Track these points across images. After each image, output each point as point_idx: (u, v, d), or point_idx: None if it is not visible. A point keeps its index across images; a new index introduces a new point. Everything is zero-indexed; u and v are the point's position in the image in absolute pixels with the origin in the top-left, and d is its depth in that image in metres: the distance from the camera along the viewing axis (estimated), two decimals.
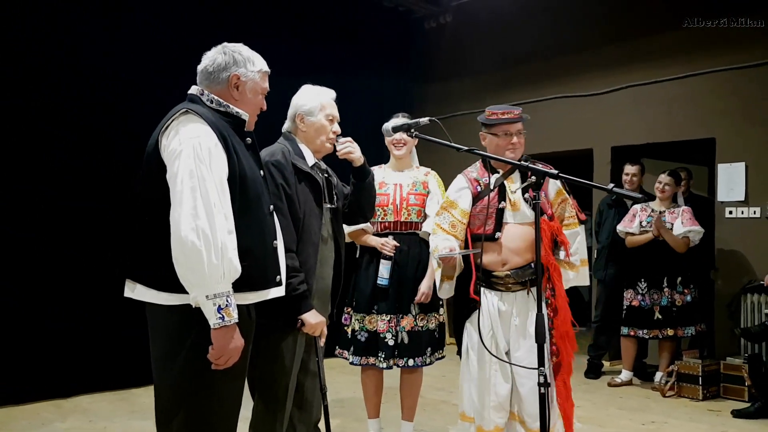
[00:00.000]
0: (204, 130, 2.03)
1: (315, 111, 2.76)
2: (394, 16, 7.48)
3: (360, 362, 3.60)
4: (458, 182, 3.21)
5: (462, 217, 3.11)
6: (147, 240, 2.06)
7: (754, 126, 5.37)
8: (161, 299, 2.03)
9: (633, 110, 6.12)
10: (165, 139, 2.04)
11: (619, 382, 5.46)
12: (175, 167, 1.97)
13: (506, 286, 3.04)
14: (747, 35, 5.39)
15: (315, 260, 2.65)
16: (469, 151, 2.25)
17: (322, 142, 2.77)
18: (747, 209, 5.41)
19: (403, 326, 3.57)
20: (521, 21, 6.88)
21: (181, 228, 1.91)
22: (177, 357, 2.04)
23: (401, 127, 2.52)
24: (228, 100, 2.19)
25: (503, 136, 3.08)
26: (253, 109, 2.26)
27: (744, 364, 4.86)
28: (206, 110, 2.11)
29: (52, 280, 4.82)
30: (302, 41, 6.26)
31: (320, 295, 2.74)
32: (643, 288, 5.28)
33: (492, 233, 3.05)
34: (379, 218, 3.66)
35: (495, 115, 3.12)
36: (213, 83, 2.19)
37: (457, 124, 7.32)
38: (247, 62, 2.21)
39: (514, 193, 3.05)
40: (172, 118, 2.06)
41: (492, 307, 3.07)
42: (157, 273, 2.03)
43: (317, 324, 2.57)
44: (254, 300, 2.17)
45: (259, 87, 2.25)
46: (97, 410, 4.59)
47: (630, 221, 5.38)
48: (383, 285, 3.54)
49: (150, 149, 2.09)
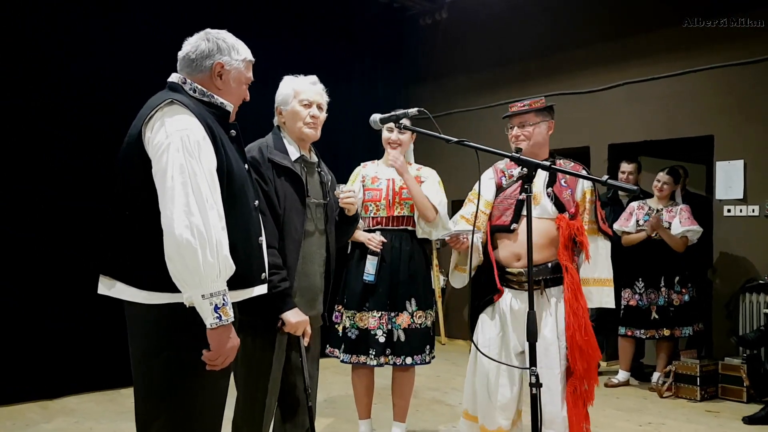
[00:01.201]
0: (192, 122, 1.93)
1: (289, 99, 2.69)
2: (389, 12, 7.39)
3: (350, 360, 3.52)
4: (486, 173, 3.17)
5: (485, 208, 3.06)
6: (127, 236, 1.97)
7: (753, 123, 5.30)
8: (141, 297, 1.93)
9: (630, 108, 6.05)
10: (149, 131, 1.92)
11: (616, 383, 5.38)
12: (163, 162, 1.87)
13: (520, 284, 2.96)
14: (745, 32, 5.32)
15: (297, 257, 2.56)
16: (458, 143, 2.17)
17: (299, 128, 2.67)
18: (746, 207, 5.34)
19: (399, 324, 3.49)
20: (517, 18, 6.81)
21: (174, 226, 1.82)
22: (157, 358, 1.94)
23: (389, 118, 2.44)
24: (210, 89, 2.08)
25: (509, 129, 3.06)
26: (236, 100, 2.16)
27: (743, 364, 4.80)
28: (190, 100, 2.01)
29: (42, 280, 4.74)
30: (297, 38, 6.20)
31: (305, 293, 2.64)
32: (640, 287, 5.21)
33: (508, 224, 2.98)
34: (371, 213, 3.59)
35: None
36: (195, 71, 2.08)
37: (452, 121, 7.27)
38: (232, 50, 2.10)
39: (535, 186, 2.92)
40: (155, 108, 1.94)
41: (505, 305, 2.99)
42: (137, 270, 1.94)
43: (298, 323, 2.48)
44: (239, 298, 2.09)
45: (243, 76, 2.14)
46: (84, 411, 4.50)
47: (626, 220, 5.30)
48: (369, 281, 3.47)
49: (131, 140, 1.97)
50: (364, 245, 3.53)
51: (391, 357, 3.48)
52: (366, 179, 3.65)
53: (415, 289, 3.54)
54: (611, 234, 3.08)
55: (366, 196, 3.62)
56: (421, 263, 3.58)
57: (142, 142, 1.93)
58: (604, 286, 2.99)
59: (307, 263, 2.63)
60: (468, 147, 2.13)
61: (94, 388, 4.86)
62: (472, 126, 6.98)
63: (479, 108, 7.08)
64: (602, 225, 3.01)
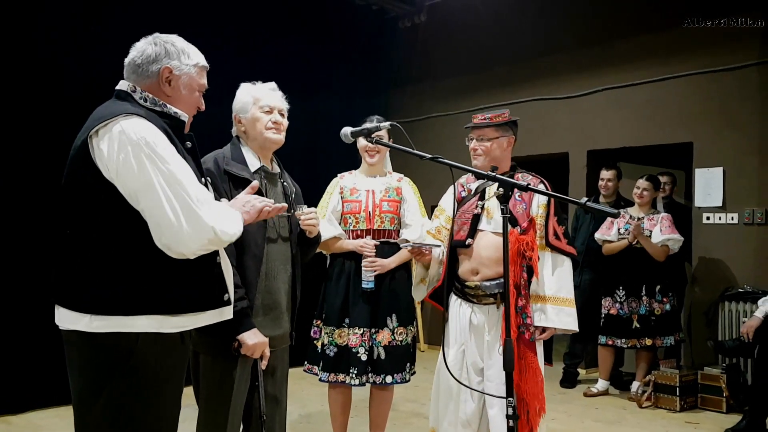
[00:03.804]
0: (148, 126, 1.79)
1: (248, 106, 2.57)
2: (367, 14, 7.26)
3: (329, 379, 3.38)
4: (450, 188, 3.08)
5: (447, 223, 3.00)
6: (70, 257, 1.81)
7: (733, 130, 5.27)
8: (82, 324, 1.76)
9: (609, 113, 6.00)
10: (103, 144, 1.75)
11: (595, 392, 5.33)
12: (140, 181, 1.73)
13: (478, 298, 2.88)
14: (725, 38, 5.29)
15: (257, 273, 2.43)
16: (432, 159, 2.06)
17: (261, 134, 2.54)
18: (725, 215, 5.31)
19: (379, 341, 3.36)
20: (496, 22, 6.72)
21: (206, 237, 1.79)
22: (95, 402, 1.77)
23: (360, 132, 2.33)
24: (160, 97, 1.93)
25: (469, 140, 2.98)
26: (188, 108, 1.99)
27: (722, 374, 4.76)
28: (141, 110, 1.85)
29: (2, 292, 4.56)
30: (272, 41, 6.06)
31: (269, 312, 2.50)
32: (621, 296, 5.15)
33: (464, 239, 2.91)
34: (351, 226, 3.46)
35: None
36: (141, 77, 1.92)
37: (431, 125, 7.19)
38: (181, 54, 1.95)
39: (488, 200, 2.90)
40: (107, 120, 1.77)
41: (464, 319, 2.92)
42: (79, 290, 1.78)
43: (255, 345, 2.32)
44: (208, 322, 1.93)
45: (195, 83, 1.98)
46: (49, 426, 4.34)
47: (608, 228, 5.25)
48: (370, 288, 3.32)
49: (75, 154, 1.81)
50: (345, 256, 3.41)
51: (371, 375, 3.36)
52: (344, 190, 3.50)
53: (397, 305, 3.42)
54: (567, 251, 2.86)
55: (345, 208, 3.47)
56: (402, 277, 3.45)
57: (90, 155, 1.77)
58: (564, 306, 2.80)
59: (270, 279, 2.50)
60: (442, 164, 2.02)
61: (59, 403, 4.66)
62: (450, 131, 6.89)
63: (458, 113, 7.00)
64: (552, 240, 2.82)
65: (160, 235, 1.76)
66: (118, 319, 1.76)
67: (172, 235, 1.75)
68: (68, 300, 1.80)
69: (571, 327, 2.82)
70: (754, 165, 5.16)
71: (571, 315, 2.81)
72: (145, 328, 1.78)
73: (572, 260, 2.89)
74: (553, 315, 2.78)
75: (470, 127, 2.98)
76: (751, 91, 5.17)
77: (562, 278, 2.83)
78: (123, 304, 1.76)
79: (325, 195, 3.55)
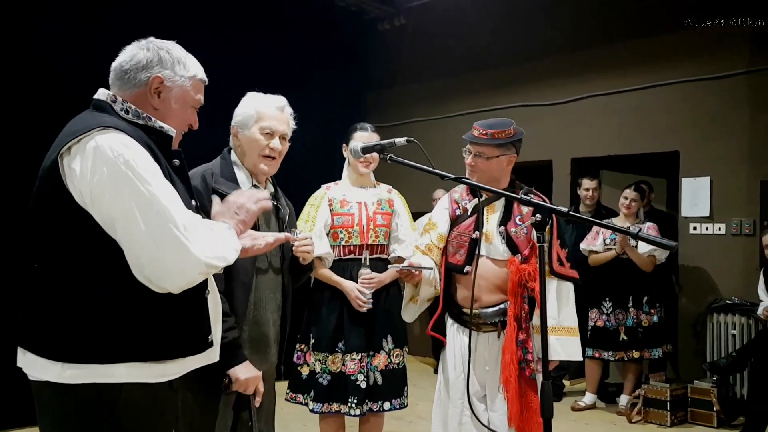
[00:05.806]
0: (128, 141, 1.54)
1: (249, 122, 2.32)
2: (346, 16, 7.07)
3: (323, 410, 3.10)
4: (442, 202, 2.89)
5: (438, 242, 2.80)
6: (37, 293, 1.57)
7: (720, 139, 5.21)
8: (53, 374, 1.52)
9: (594, 121, 5.91)
10: (75, 163, 1.51)
11: (583, 406, 5.21)
12: (117, 206, 1.49)
13: (477, 327, 2.72)
14: (711, 46, 5.23)
15: (246, 302, 2.22)
16: (457, 180, 1.89)
17: (254, 161, 2.31)
18: (712, 225, 5.25)
19: (375, 365, 3.14)
20: (479, 27, 6.57)
21: (196, 271, 1.55)
22: None
23: (373, 147, 2.15)
24: (146, 110, 1.68)
25: (466, 152, 2.74)
26: (178, 124, 1.75)
27: (713, 388, 4.68)
28: (122, 123, 1.61)
29: None
30: (249, 42, 5.83)
31: (256, 345, 2.29)
32: (608, 308, 5.05)
33: (461, 264, 2.73)
34: (342, 241, 3.19)
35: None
36: (127, 85, 1.68)
37: (411, 131, 6.99)
38: (176, 64, 1.71)
39: (488, 223, 2.72)
40: (80, 134, 1.53)
41: (462, 347, 2.75)
42: (50, 335, 1.53)
43: (249, 380, 2.11)
44: (196, 365, 1.71)
45: (189, 97, 1.74)
46: None
47: (593, 239, 5.14)
48: (368, 307, 3.08)
49: (44, 175, 1.57)
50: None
51: (368, 402, 3.13)
52: (333, 202, 3.24)
53: (392, 325, 3.20)
54: (570, 276, 2.73)
55: (335, 221, 3.21)
56: (396, 295, 3.23)
57: (61, 177, 1.53)
58: (569, 336, 2.67)
59: (258, 310, 2.29)
60: (466, 184, 1.85)
61: (28, 424, 4.40)
62: (431, 137, 6.73)
63: (439, 118, 6.85)
64: (556, 267, 2.67)
65: (141, 268, 1.52)
66: (94, 368, 1.52)
67: (154, 269, 1.51)
68: (35, 344, 1.56)
69: (575, 358, 2.71)
70: (742, 175, 5.11)
71: (575, 345, 2.69)
72: (126, 377, 1.54)
73: (574, 283, 2.76)
74: (557, 347, 2.63)
75: (470, 141, 2.73)
76: (739, 100, 5.12)
77: (567, 306, 2.70)
78: (99, 350, 1.52)
79: (308, 207, 3.27)
